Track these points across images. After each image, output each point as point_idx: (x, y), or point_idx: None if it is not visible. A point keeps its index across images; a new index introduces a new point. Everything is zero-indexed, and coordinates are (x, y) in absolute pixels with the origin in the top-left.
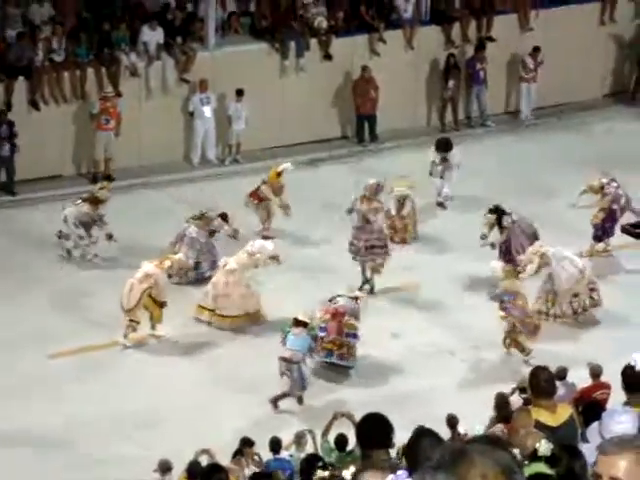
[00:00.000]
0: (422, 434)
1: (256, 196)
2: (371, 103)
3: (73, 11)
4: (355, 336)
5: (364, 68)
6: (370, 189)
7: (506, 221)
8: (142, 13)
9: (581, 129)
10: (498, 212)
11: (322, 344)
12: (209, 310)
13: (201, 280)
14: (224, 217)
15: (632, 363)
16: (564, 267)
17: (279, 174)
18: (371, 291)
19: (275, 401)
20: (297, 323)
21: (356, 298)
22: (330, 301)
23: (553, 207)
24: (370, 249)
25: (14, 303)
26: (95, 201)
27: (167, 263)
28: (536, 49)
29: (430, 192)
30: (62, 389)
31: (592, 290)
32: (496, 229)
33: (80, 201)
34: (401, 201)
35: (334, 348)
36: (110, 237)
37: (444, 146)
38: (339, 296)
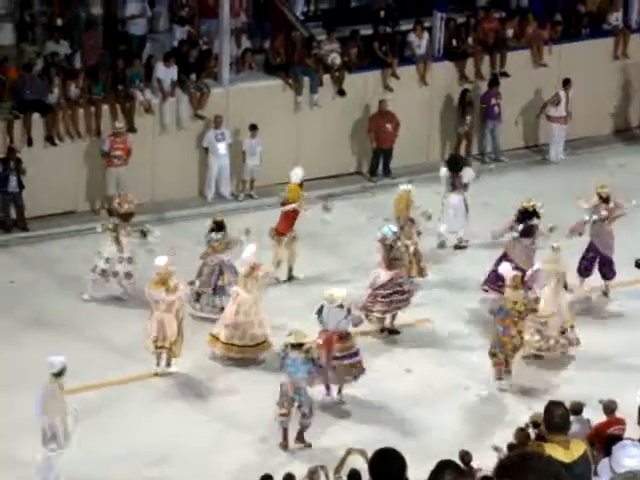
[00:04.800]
0: (445, 466)
1: (283, 228)
2: (387, 137)
3: (94, 50)
4: (352, 356)
5: (381, 102)
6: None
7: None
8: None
9: (594, 164)
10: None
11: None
12: (221, 341)
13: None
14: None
15: None
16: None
17: (300, 185)
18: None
19: (300, 439)
20: (292, 347)
21: (343, 307)
22: (317, 315)
23: (567, 242)
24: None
25: (28, 339)
26: (125, 216)
27: (180, 290)
28: (567, 82)
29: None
30: None
31: (562, 332)
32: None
33: (104, 226)
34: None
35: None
36: (145, 234)
37: (455, 165)
38: (322, 307)
